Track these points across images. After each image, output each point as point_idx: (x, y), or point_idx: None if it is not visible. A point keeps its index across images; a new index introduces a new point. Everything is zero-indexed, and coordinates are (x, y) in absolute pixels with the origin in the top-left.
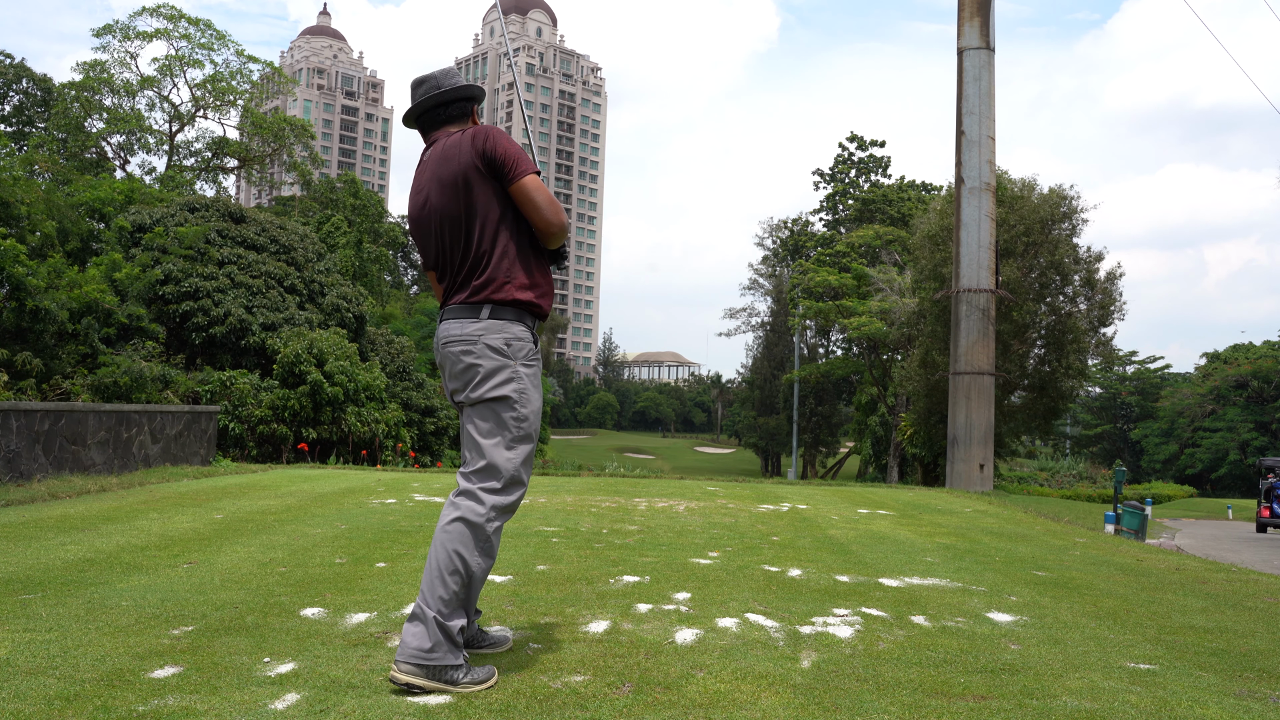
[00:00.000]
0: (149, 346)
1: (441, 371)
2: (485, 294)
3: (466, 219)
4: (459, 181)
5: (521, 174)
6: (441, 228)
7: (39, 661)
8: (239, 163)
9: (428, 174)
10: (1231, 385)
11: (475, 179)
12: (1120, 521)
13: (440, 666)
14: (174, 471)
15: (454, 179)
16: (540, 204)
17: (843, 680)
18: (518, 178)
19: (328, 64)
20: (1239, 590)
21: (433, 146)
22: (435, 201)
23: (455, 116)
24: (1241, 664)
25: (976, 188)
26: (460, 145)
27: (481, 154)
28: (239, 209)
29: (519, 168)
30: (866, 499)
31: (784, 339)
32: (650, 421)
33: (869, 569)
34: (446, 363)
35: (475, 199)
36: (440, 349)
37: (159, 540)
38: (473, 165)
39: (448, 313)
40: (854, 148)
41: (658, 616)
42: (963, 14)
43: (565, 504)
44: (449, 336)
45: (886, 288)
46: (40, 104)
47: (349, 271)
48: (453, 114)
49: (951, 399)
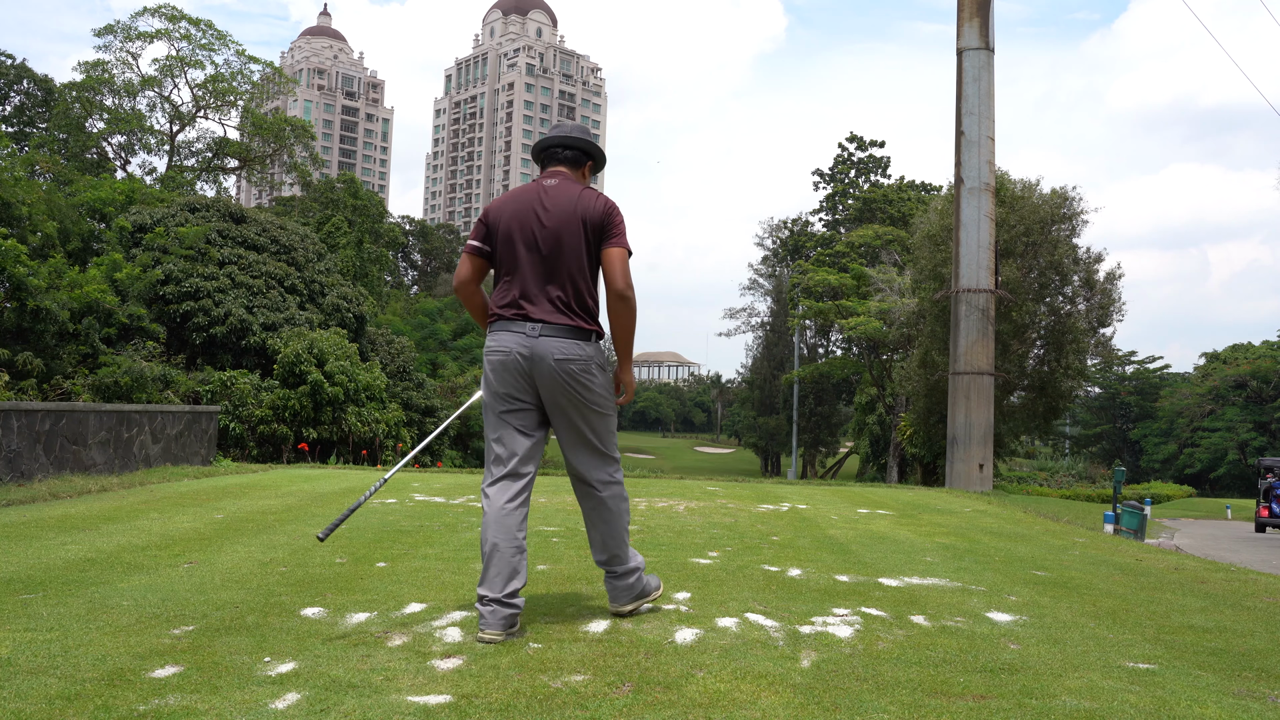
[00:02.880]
0: (150, 346)
1: (521, 376)
2: (592, 325)
3: (575, 254)
4: (579, 222)
5: (619, 243)
6: (551, 246)
7: (40, 661)
8: (239, 163)
9: (538, 195)
10: (1231, 385)
11: (592, 228)
12: (1119, 521)
13: (643, 589)
14: (175, 471)
15: (573, 217)
16: (615, 270)
17: (842, 680)
18: (617, 245)
19: (328, 64)
20: (1238, 590)
21: (549, 178)
22: (549, 224)
23: (569, 160)
24: (1240, 663)
25: (976, 188)
26: (585, 195)
27: (604, 212)
28: (239, 209)
29: (620, 239)
30: (866, 499)
31: (784, 339)
32: (650, 421)
33: (869, 569)
34: (549, 373)
35: (588, 242)
36: (547, 361)
37: (160, 540)
38: (594, 213)
39: (546, 330)
40: (854, 148)
41: (658, 616)
42: (962, 14)
43: (565, 504)
44: (562, 354)
45: (886, 288)
46: (41, 104)
47: (349, 272)
48: (568, 157)
49: (951, 399)
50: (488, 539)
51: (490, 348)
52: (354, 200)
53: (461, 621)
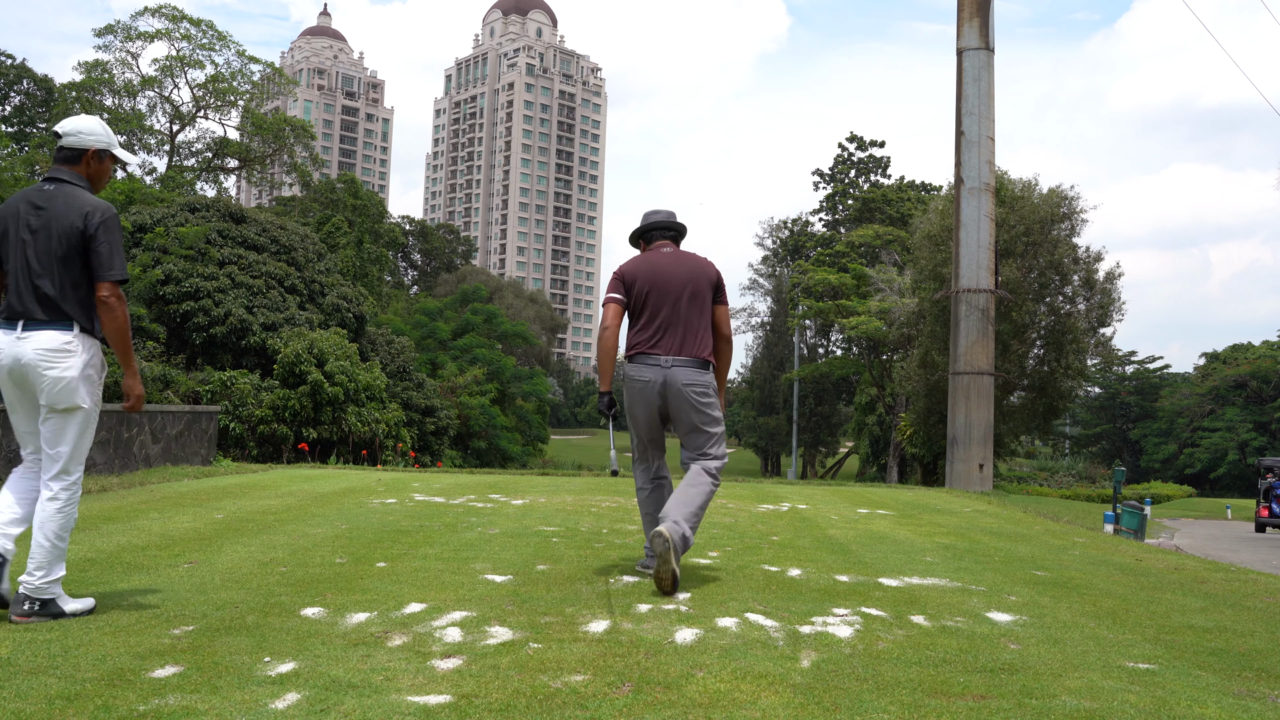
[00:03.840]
0: (150, 346)
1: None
2: (707, 357)
3: (701, 307)
4: (704, 282)
5: (725, 301)
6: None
7: (40, 661)
8: (239, 163)
9: (671, 263)
10: (1230, 385)
11: (710, 286)
12: (1119, 521)
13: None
14: (174, 471)
15: (701, 278)
16: (723, 321)
17: (842, 680)
18: (724, 302)
19: (328, 64)
20: (1238, 590)
21: (663, 247)
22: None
23: (673, 238)
24: (1240, 663)
25: (976, 188)
26: (701, 263)
27: (718, 276)
28: (239, 209)
29: (726, 297)
30: (866, 499)
31: (784, 339)
32: None
33: (869, 569)
34: (678, 393)
35: (708, 298)
36: (676, 385)
37: (160, 540)
38: (711, 277)
39: (678, 362)
40: (854, 148)
41: (658, 616)
42: (962, 14)
43: (565, 504)
44: (690, 381)
45: (886, 288)
46: (41, 104)
47: (349, 272)
48: (672, 235)
49: (951, 399)
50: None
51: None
52: (354, 200)
53: (461, 621)
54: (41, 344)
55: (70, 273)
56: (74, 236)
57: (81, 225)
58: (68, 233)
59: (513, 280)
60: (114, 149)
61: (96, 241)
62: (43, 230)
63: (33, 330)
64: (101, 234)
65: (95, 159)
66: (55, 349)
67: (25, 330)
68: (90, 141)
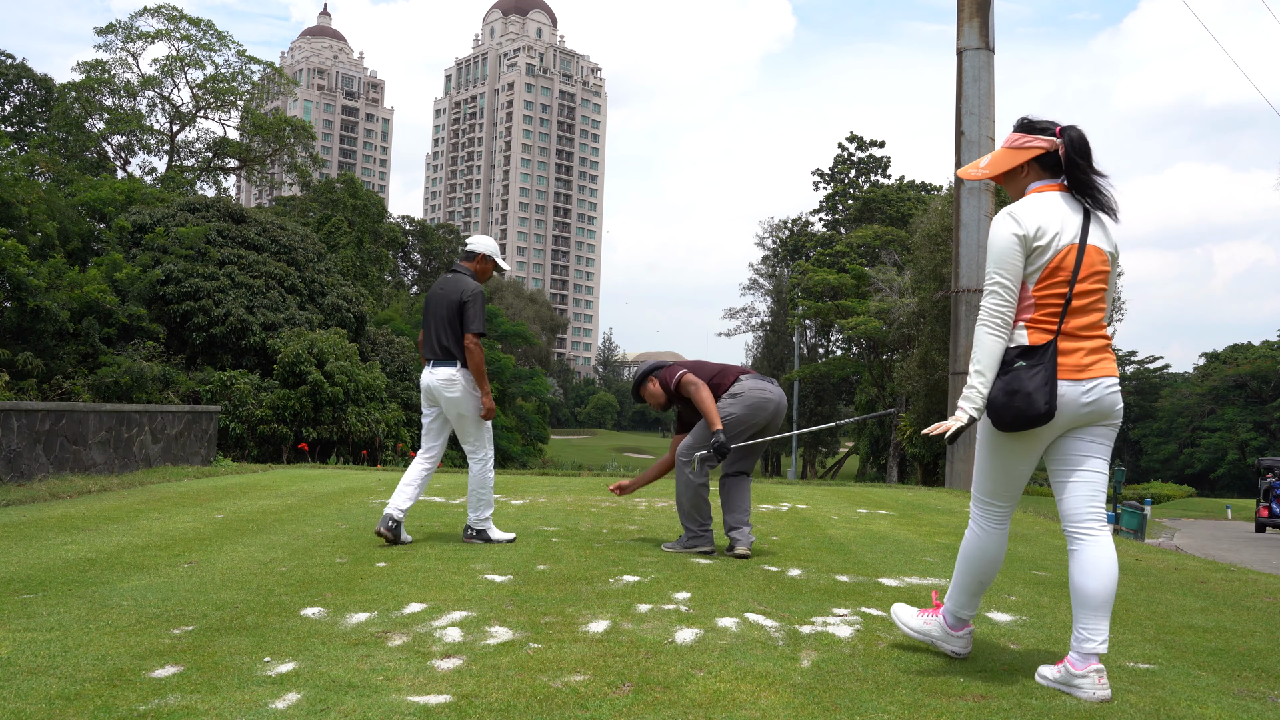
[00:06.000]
0: (149, 346)
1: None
2: None
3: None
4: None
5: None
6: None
7: (40, 661)
8: (239, 163)
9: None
10: (1230, 385)
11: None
12: (1119, 521)
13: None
14: (174, 471)
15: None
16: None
17: (843, 680)
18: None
19: (328, 64)
20: (1238, 590)
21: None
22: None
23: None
24: (1240, 663)
25: (976, 188)
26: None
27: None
28: (239, 209)
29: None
30: (866, 499)
31: (784, 339)
32: (650, 421)
33: (869, 569)
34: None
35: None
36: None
37: (160, 540)
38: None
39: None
40: (854, 148)
41: (658, 616)
42: (962, 14)
43: (565, 504)
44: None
45: (886, 288)
46: (41, 104)
47: (349, 272)
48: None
49: (951, 399)
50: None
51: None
52: (354, 200)
53: (461, 621)
54: (442, 375)
55: (454, 328)
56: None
57: (458, 298)
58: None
59: (512, 280)
60: (495, 257)
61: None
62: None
63: (439, 367)
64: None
65: (482, 261)
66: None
67: (435, 367)
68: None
